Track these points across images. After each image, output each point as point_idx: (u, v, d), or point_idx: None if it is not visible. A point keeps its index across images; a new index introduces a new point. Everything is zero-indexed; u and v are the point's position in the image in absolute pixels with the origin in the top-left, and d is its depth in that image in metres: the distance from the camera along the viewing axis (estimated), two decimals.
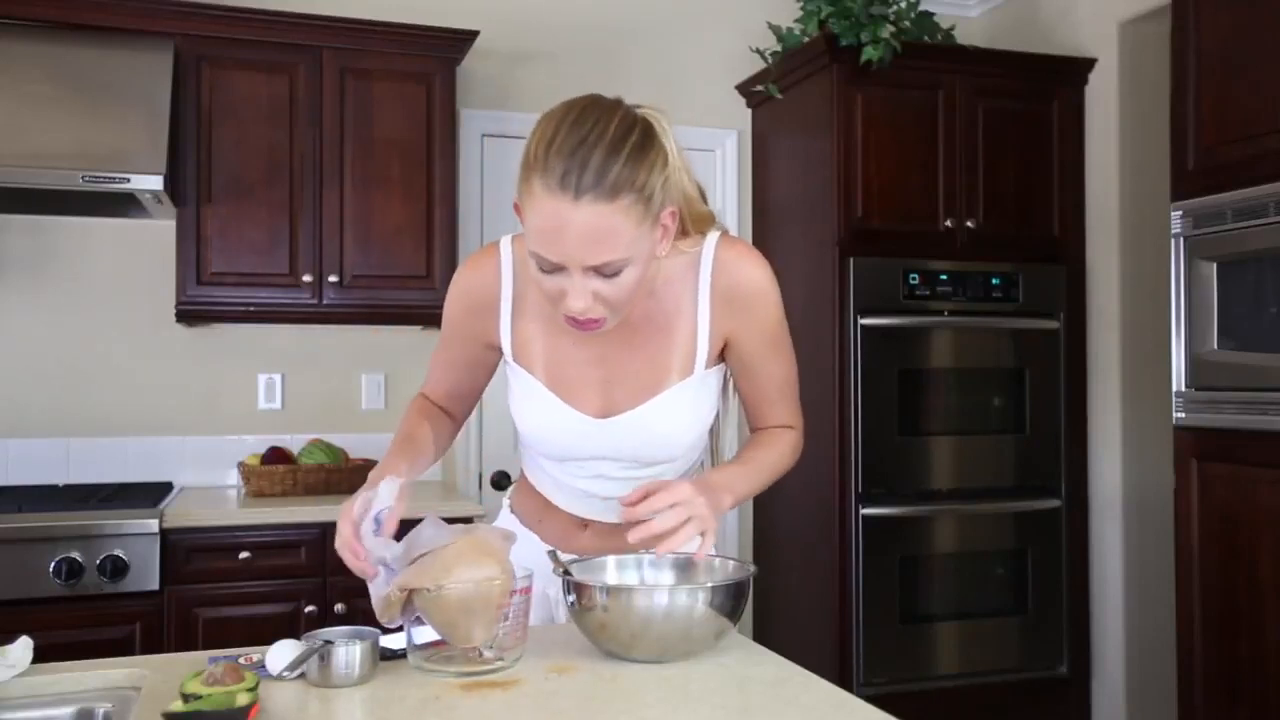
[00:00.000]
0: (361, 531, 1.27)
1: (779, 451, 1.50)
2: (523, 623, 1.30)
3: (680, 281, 1.41)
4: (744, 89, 3.92)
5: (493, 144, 3.69)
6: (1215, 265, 2.61)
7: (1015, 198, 3.59)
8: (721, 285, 1.40)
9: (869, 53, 3.32)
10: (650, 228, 1.25)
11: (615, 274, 1.23)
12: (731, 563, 1.45)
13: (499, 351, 1.48)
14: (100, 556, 2.65)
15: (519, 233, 1.38)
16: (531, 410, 1.45)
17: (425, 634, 1.28)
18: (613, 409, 1.43)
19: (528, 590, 1.31)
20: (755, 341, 1.44)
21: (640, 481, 1.39)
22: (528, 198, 1.21)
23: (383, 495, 1.29)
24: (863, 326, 3.37)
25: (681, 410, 1.43)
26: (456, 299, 1.47)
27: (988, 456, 3.53)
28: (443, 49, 3.27)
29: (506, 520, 1.64)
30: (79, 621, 2.64)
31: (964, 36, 3.89)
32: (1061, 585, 3.58)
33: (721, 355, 1.47)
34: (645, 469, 1.49)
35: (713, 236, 1.43)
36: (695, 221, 1.41)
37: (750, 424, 1.56)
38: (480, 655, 1.26)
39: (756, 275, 1.41)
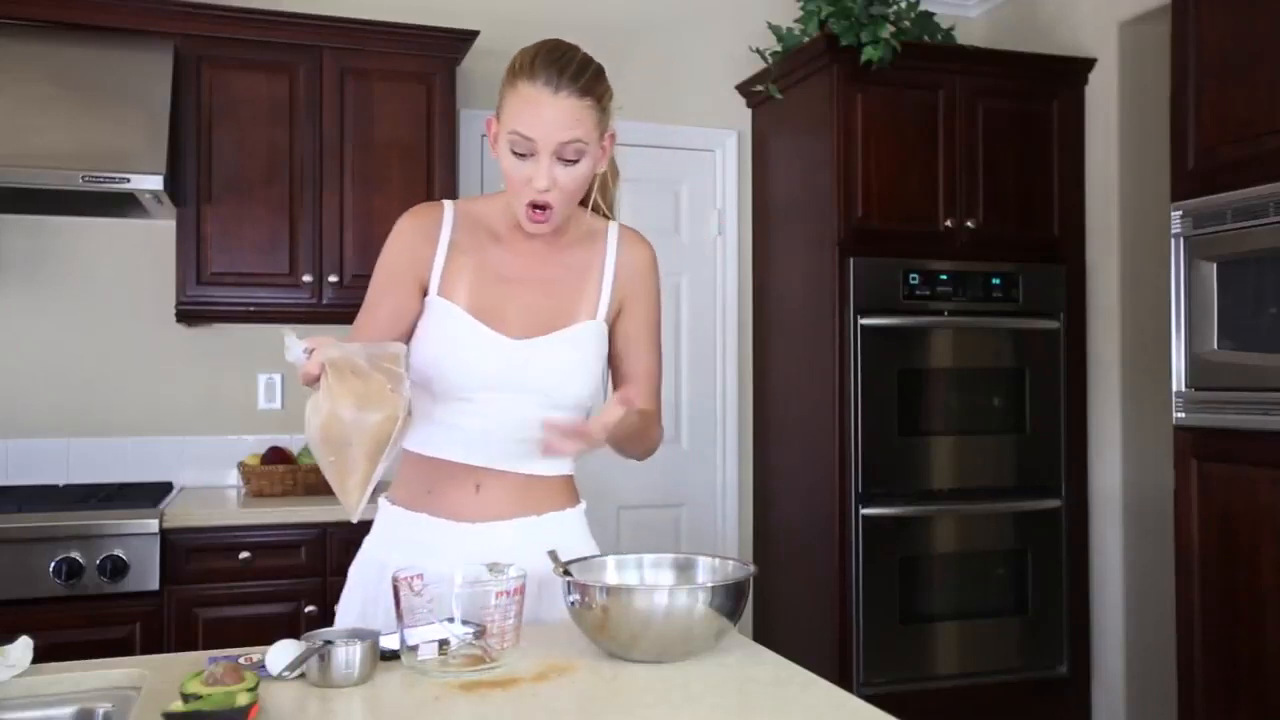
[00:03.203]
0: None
1: (650, 416, 1.62)
2: (515, 623, 1.30)
3: (591, 244, 1.65)
4: (744, 89, 3.92)
5: None
6: (1215, 265, 2.61)
7: (1015, 198, 3.59)
8: (624, 255, 1.65)
9: (869, 53, 3.32)
10: (599, 138, 1.52)
11: (575, 161, 1.48)
12: (731, 563, 1.46)
13: (423, 297, 1.57)
14: (100, 556, 2.65)
15: (461, 199, 1.73)
16: (450, 339, 1.54)
17: (419, 635, 1.28)
18: (528, 333, 1.56)
19: (520, 590, 1.31)
20: (638, 321, 1.64)
21: (541, 426, 1.50)
22: (511, 98, 1.49)
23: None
24: (863, 326, 3.37)
25: (588, 345, 1.59)
26: (397, 238, 1.61)
27: (988, 456, 3.53)
28: (443, 49, 3.27)
29: (385, 519, 1.63)
30: (79, 621, 2.64)
31: (964, 36, 3.89)
32: (1061, 585, 3.58)
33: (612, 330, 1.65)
34: (547, 411, 1.54)
35: (616, 223, 1.70)
36: (604, 194, 1.66)
37: None
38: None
39: (650, 254, 1.68)
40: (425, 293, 1.57)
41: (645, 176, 3.78)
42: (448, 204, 1.64)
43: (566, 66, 1.48)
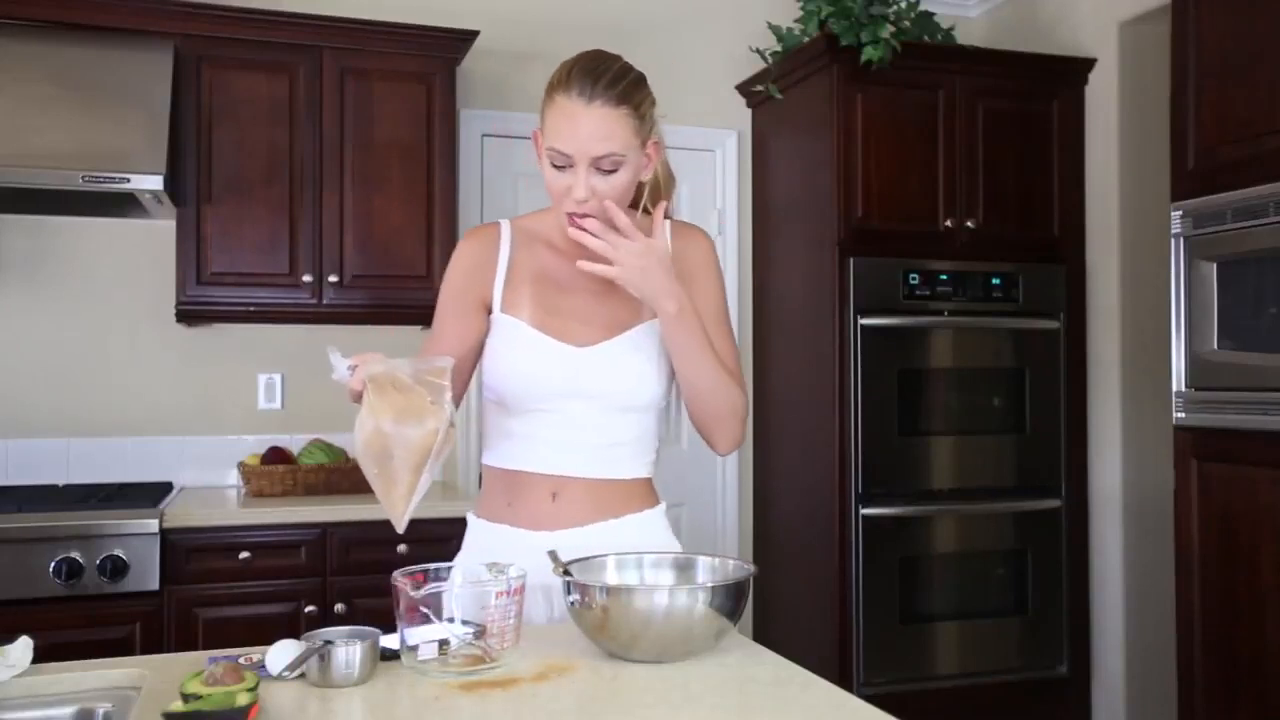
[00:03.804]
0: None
1: (731, 375, 1.57)
2: (515, 623, 1.30)
3: None
4: (744, 89, 3.92)
5: (493, 144, 3.69)
6: (1215, 265, 2.61)
7: (1015, 198, 3.59)
8: (678, 248, 1.61)
9: (869, 53, 3.32)
10: (639, 146, 1.51)
11: (612, 170, 1.48)
12: (731, 563, 1.46)
13: (488, 315, 1.60)
14: (100, 556, 2.65)
15: (516, 216, 1.71)
16: (518, 354, 1.57)
17: (419, 635, 1.28)
18: (592, 340, 1.58)
19: (520, 590, 1.31)
20: (702, 310, 1.57)
21: (614, 431, 1.58)
22: (550, 110, 1.49)
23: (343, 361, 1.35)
24: (863, 326, 3.37)
25: (652, 345, 1.59)
26: (458, 261, 1.64)
27: (988, 456, 3.53)
28: (443, 49, 3.27)
29: (472, 533, 1.67)
30: (79, 621, 2.64)
31: (964, 36, 3.89)
32: (1061, 585, 3.58)
33: None
34: (619, 415, 1.58)
35: (667, 219, 1.66)
36: (654, 200, 1.63)
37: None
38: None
39: (705, 243, 1.67)
40: (490, 311, 1.60)
41: None
42: (504, 223, 1.66)
43: (601, 76, 1.47)
